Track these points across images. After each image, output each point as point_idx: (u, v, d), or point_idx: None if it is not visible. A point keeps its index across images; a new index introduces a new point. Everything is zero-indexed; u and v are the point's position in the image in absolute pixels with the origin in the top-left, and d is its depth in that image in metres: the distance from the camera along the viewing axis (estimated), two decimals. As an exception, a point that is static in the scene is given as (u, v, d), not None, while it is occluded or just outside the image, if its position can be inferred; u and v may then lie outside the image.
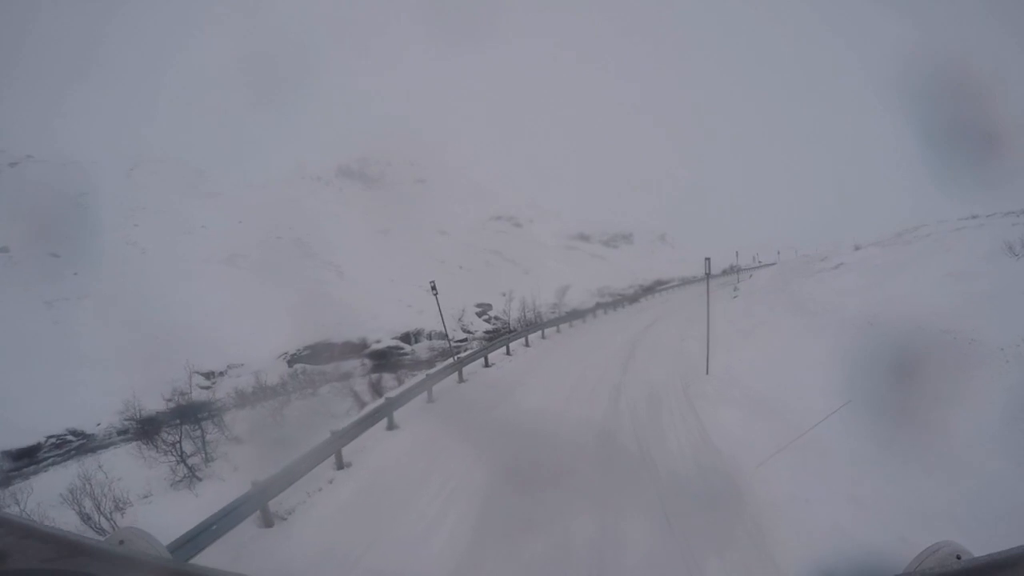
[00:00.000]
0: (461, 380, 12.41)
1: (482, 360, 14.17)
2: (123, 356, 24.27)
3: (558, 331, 21.10)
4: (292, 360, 23.49)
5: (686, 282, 43.16)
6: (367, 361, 23.76)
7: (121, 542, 0.96)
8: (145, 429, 11.81)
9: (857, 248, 25.96)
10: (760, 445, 7.24)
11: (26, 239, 30.84)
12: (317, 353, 23.52)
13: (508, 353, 15.85)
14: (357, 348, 24.25)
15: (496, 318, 32.22)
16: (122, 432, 19.31)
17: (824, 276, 20.09)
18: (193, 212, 39.09)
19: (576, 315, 25.72)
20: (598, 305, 31.08)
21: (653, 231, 45.56)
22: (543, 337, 19.08)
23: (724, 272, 48.87)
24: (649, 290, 38.05)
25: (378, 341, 25.06)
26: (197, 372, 23.00)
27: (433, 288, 11.14)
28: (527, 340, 17.42)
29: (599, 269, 38.11)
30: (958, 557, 0.93)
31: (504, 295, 33.06)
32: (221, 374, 22.35)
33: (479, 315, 31.42)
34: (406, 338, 26.02)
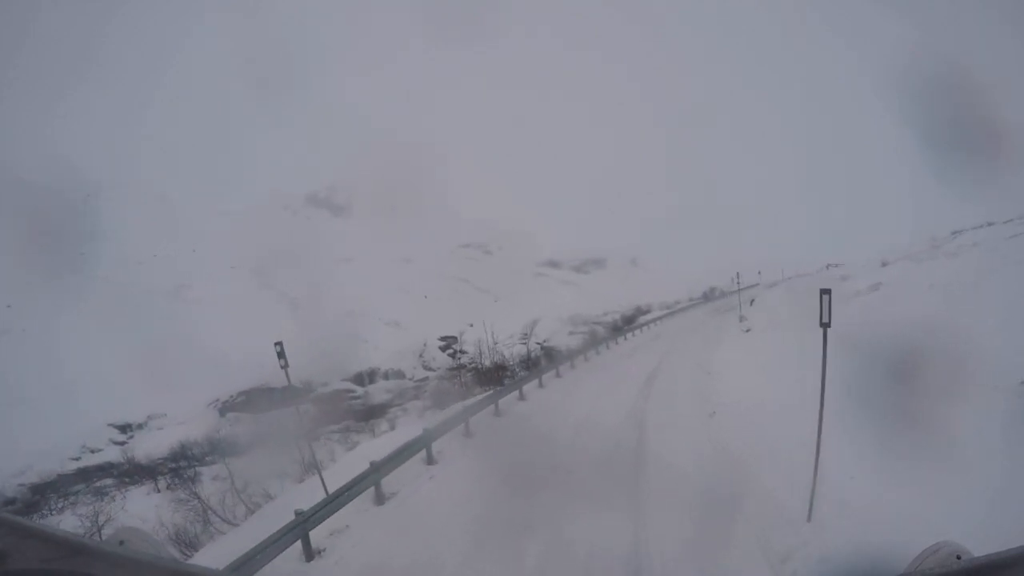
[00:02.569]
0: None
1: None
2: (36, 404, 21.95)
3: (521, 397, 15.60)
4: (225, 408, 21.24)
5: (669, 310, 40.75)
6: (310, 407, 21.51)
7: (121, 542, 0.96)
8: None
9: (884, 264, 22.91)
10: None
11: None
12: (253, 400, 21.29)
13: (430, 464, 10.11)
14: (300, 393, 21.98)
15: (462, 351, 30.08)
16: (8, 502, 16.95)
17: (869, 301, 16.83)
18: (148, 240, 37.12)
19: (551, 359, 20.99)
20: (574, 336, 28.96)
21: (625, 255, 43.88)
22: (497, 414, 14.04)
23: (704, 296, 46.31)
24: (631, 321, 35.60)
25: (325, 384, 22.85)
26: (112, 425, 20.73)
27: (280, 354, 7.08)
28: (467, 426, 12.51)
29: (570, 296, 36.13)
30: (958, 557, 0.94)
31: (471, 326, 31.01)
32: (140, 426, 20.04)
33: (443, 349, 29.31)
34: (358, 379, 23.79)
